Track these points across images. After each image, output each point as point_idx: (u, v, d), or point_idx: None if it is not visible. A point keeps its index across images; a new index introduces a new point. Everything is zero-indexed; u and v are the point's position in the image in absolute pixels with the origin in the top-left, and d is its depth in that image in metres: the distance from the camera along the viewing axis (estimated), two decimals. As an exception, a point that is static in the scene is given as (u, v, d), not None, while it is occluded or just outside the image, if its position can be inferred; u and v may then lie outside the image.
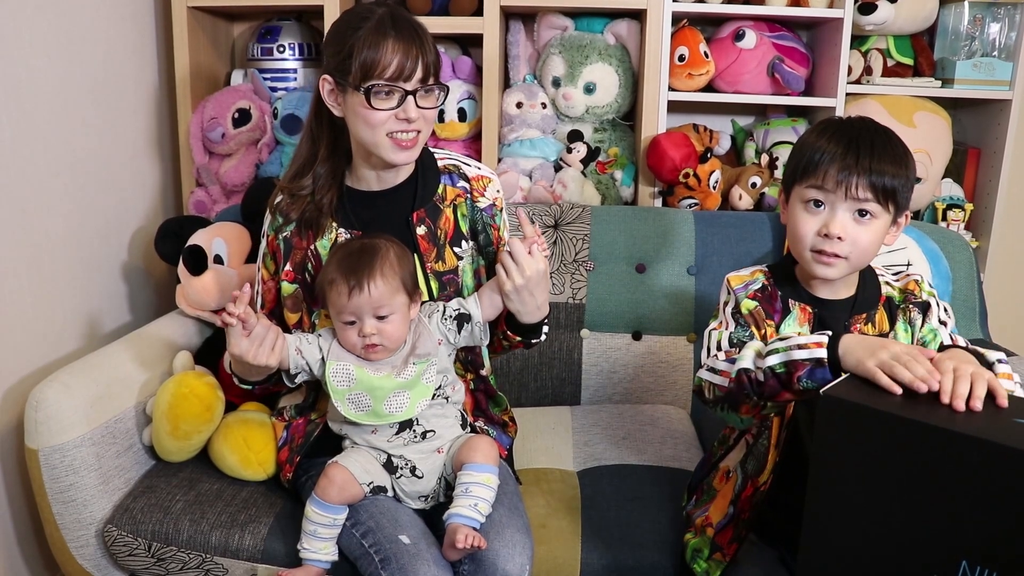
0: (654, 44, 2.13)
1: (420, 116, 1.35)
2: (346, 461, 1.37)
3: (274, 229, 1.50)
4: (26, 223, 1.72)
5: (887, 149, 1.25)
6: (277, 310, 1.54)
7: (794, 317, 1.32)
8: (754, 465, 1.33)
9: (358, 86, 1.32)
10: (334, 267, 1.33)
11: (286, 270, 1.48)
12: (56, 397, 1.45)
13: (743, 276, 1.38)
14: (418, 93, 1.34)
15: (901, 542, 0.99)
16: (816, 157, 1.25)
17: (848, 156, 1.23)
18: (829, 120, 1.33)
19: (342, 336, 1.36)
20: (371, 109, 1.32)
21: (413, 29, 1.33)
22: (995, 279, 2.32)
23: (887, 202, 1.24)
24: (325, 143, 1.46)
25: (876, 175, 1.22)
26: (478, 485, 1.33)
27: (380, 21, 1.32)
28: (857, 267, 1.30)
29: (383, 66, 1.30)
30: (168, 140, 2.31)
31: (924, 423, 0.94)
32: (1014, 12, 2.19)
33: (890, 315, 1.34)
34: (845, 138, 1.25)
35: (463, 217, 1.49)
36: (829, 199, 1.25)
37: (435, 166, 1.51)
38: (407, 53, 1.31)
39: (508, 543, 1.29)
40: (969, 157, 2.30)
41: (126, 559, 1.48)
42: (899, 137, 1.29)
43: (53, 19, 1.80)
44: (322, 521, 1.35)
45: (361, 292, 1.30)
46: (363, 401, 1.36)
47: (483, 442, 1.39)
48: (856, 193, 1.23)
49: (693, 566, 1.37)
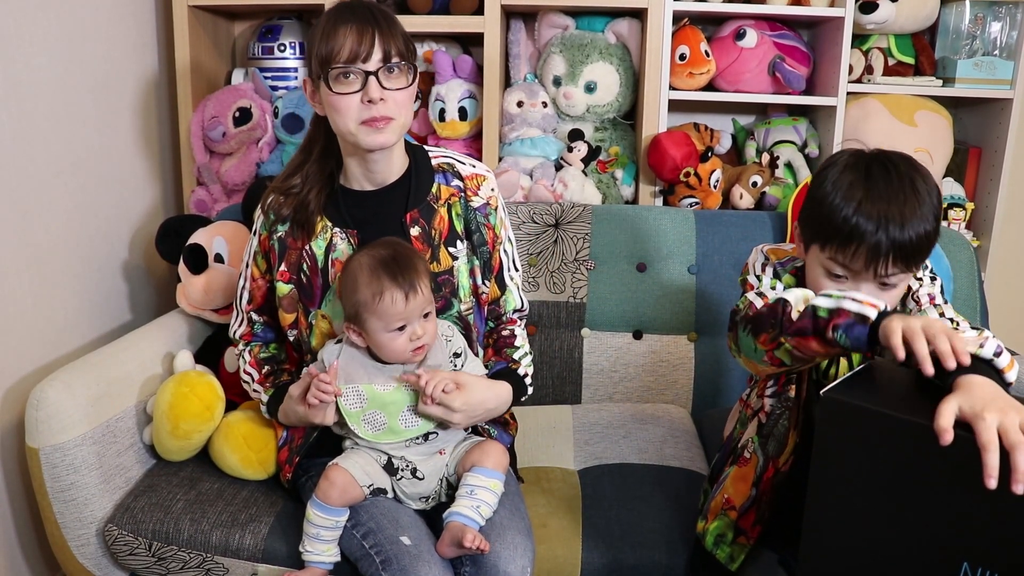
0: (655, 43, 2.13)
1: (390, 98, 1.33)
2: (346, 463, 1.37)
3: (267, 228, 1.49)
4: (26, 222, 1.72)
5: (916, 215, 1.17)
6: (266, 307, 1.55)
7: None
8: (775, 446, 1.32)
9: (319, 75, 1.33)
10: (375, 279, 1.31)
11: (281, 270, 1.48)
12: (57, 396, 1.45)
13: (783, 250, 1.36)
14: (380, 72, 1.32)
15: (902, 544, 0.98)
16: (843, 232, 1.18)
17: (877, 235, 1.16)
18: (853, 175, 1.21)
19: (389, 345, 1.34)
20: (334, 94, 1.32)
21: (370, 12, 1.33)
22: (996, 278, 2.32)
23: (917, 267, 1.22)
24: (320, 145, 1.46)
25: (907, 253, 1.17)
26: (484, 489, 1.33)
27: (338, 11, 1.33)
28: None
29: (337, 50, 1.30)
30: (169, 139, 2.31)
31: (925, 424, 0.94)
32: (1015, 11, 2.18)
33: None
34: (875, 211, 1.17)
35: (457, 217, 1.48)
36: (855, 276, 1.22)
37: (429, 165, 1.50)
38: (361, 34, 1.30)
39: (509, 545, 1.29)
40: (970, 156, 2.30)
41: (127, 558, 1.48)
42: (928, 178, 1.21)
43: (54, 18, 1.80)
44: (324, 524, 1.34)
45: (416, 295, 1.31)
46: (378, 420, 1.36)
47: (495, 449, 1.39)
48: (885, 273, 1.19)
49: (716, 552, 1.35)
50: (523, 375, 1.52)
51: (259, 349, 1.57)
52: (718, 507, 1.37)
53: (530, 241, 1.98)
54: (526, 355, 1.55)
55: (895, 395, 1.03)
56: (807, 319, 1.14)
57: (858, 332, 1.09)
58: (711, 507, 1.39)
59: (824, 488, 1.04)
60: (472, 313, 1.50)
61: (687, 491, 1.56)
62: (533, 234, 1.98)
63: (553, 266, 1.97)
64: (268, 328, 1.58)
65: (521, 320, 1.59)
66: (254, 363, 1.55)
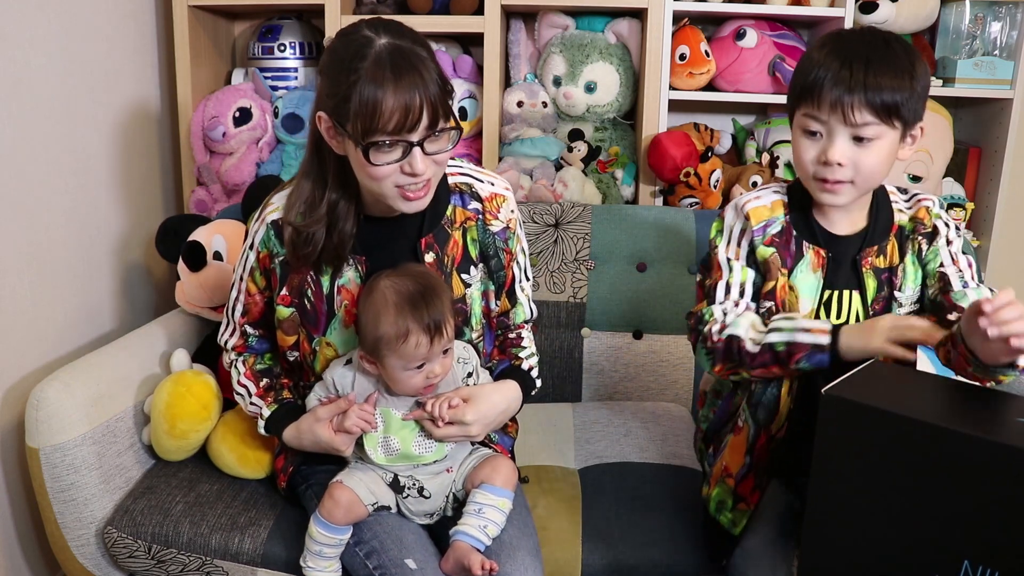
0: (655, 43, 2.13)
1: (430, 163, 1.22)
2: (350, 481, 1.32)
3: (267, 248, 1.37)
4: (26, 222, 1.72)
5: (886, 60, 1.17)
6: (262, 321, 1.46)
7: (807, 262, 1.29)
8: (765, 415, 1.30)
9: (358, 142, 1.18)
10: (400, 318, 1.22)
11: (282, 294, 1.38)
12: (57, 396, 1.45)
13: (763, 210, 1.31)
14: (426, 141, 1.20)
15: (903, 542, 0.98)
16: (810, 77, 1.19)
17: (841, 74, 1.16)
18: (831, 32, 1.26)
19: (403, 383, 1.28)
20: (371, 165, 1.19)
21: (414, 68, 1.17)
22: (996, 278, 2.32)
23: (890, 119, 1.17)
24: (332, 175, 1.30)
25: (873, 92, 1.15)
26: (492, 508, 1.29)
27: (378, 61, 1.16)
28: (866, 190, 1.25)
29: (384, 120, 1.16)
30: (169, 139, 2.31)
31: (926, 422, 0.94)
32: (1015, 11, 2.19)
33: (900, 246, 1.31)
34: (841, 54, 1.18)
35: (472, 241, 1.39)
36: (828, 128, 1.19)
37: (446, 185, 1.37)
38: (410, 101, 1.15)
39: (520, 566, 1.27)
40: (970, 156, 2.30)
41: (126, 560, 1.48)
42: (904, 43, 1.21)
43: (54, 18, 1.80)
44: (327, 542, 1.31)
45: (441, 337, 1.24)
46: (392, 445, 1.32)
47: (505, 466, 1.35)
48: (854, 117, 1.17)
49: (719, 518, 1.36)
50: (528, 369, 1.47)
51: (254, 360, 1.49)
52: (719, 473, 1.37)
53: (530, 241, 1.98)
54: (532, 355, 1.50)
55: (897, 393, 1.03)
56: (767, 354, 1.21)
57: (819, 359, 1.16)
58: (713, 473, 1.39)
59: (825, 485, 1.04)
60: (482, 340, 1.45)
61: (687, 490, 1.55)
62: (533, 234, 1.98)
63: (553, 266, 1.97)
64: (263, 340, 1.50)
65: (528, 326, 1.54)
66: (250, 375, 1.47)
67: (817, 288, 1.28)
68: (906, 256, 1.30)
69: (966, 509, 0.93)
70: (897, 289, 1.29)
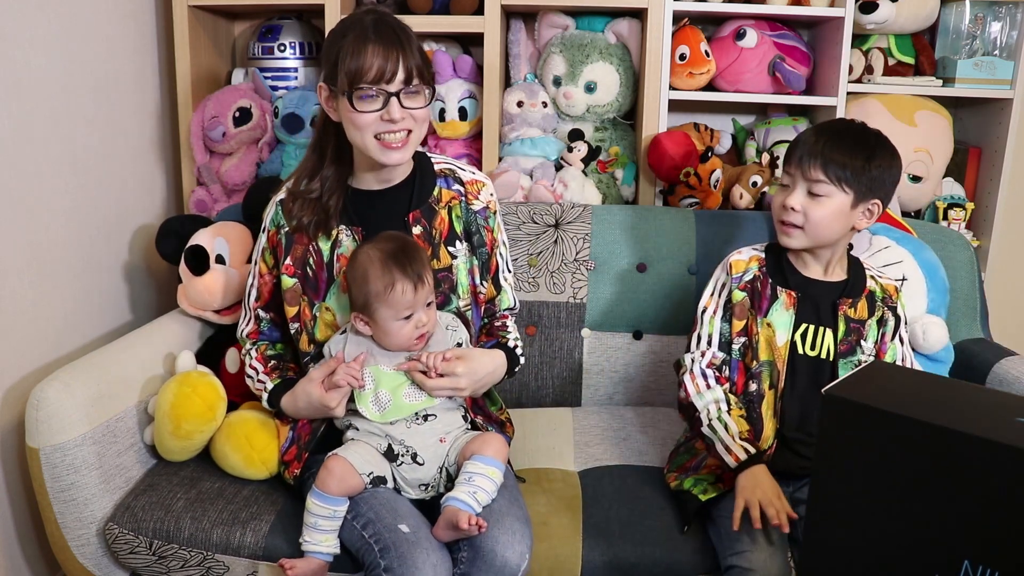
0: (655, 43, 2.13)
1: (407, 116, 1.41)
2: (346, 453, 1.40)
3: (276, 224, 1.55)
4: (27, 222, 1.72)
5: (851, 140, 1.44)
6: (272, 303, 1.59)
7: (781, 303, 1.51)
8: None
9: (344, 91, 1.39)
10: (386, 271, 1.37)
11: (286, 264, 1.53)
12: (57, 396, 1.45)
13: (742, 263, 1.55)
14: (401, 93, 1.40)
15: (904, 541, 0.98)
16: (794, 147, 1.47)
17: (813, 144, 1.44)
18: (827, 121, 1.54)
19: (395, 334, 1.40)
20: (356, 112, 1.39)
21: (395, 34, 1.40)
22: (996, 278, 2.32)
23: (840, 183, 1.42)
24: (331, 148, 1.51)
25: (827, 159, 1.42)
26: (482, 476, 1.35)
27: (363, 28, 1.39)
28: (815, 240, 1.47)
29: (365, 70, 1.37)
30: (169, 139, 2.31)
31: (927, 422, 0.94)
32: (1015, 11, 2.19)
33: (870, 307, 1.53)
34: (824, 133, 1.45)
35: (457, 219, 1.56)
36: (793, 180, 1.46)
37: (432, 170, 1.58)
38: (387, 56, 1.37)
39: (508, 531, 1.31)
40: (970, 156, 2.30)
41: (127, 557, 1.48)
42: (880, 137, 1.47)
43: (54, 18, 1.80)
44: (322, 513, 1.36)
45: (424, 285, 1.39)
46: (383, 398, 1.41)
47: (496, 440, 1.43)
48: (810, 174, 1.43)
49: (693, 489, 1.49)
50: (513, 347, 1.60)
51: (266, 347, 1.62)
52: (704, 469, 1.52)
53: (530, 241, 1.98)
54: (517, 339, 1.63)
55: (898, 393, 1.03)
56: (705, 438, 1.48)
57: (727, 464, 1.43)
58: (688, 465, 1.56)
59: (826, 485, 1.04)
60: (470, 310, 1.57)
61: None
62: (533, 234, 1.98)
63: (553, 266, 1.97)
64: (275, 327, 1.62)
65: (512, 316, 1.67)
66: (260, 358, 1.60)
67: (790, 323, 1.50)
68: (872, 316, 1.53)
69: (966, 509, 0.93)
70: (863, 339, 1.52)
